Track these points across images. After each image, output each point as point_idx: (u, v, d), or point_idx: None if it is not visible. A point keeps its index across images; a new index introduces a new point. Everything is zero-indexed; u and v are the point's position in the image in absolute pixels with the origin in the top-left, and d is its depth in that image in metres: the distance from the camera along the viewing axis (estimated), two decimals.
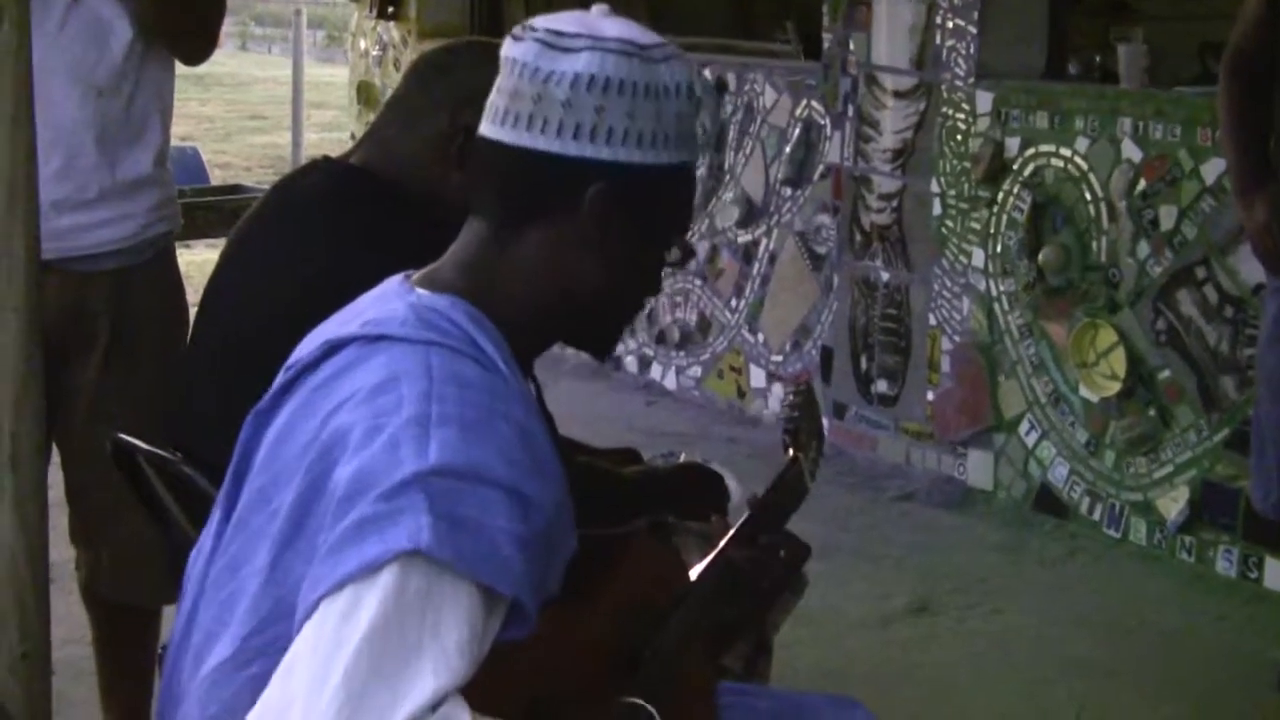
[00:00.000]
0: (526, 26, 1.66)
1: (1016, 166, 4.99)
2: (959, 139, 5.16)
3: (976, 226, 5.12)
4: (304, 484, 1.55)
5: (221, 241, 2.69)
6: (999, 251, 5.05)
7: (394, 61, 8.37)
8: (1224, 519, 4.46)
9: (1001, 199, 5.04)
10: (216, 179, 10.07)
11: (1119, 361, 4.69)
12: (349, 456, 1.51)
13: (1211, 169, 4.42)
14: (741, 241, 6.08)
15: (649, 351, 6.52)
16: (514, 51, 1.65)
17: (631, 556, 1.94)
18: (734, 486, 2.62)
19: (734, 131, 6.08)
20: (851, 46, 5.54)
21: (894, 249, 5.42)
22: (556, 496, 1.55)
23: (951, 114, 5.18)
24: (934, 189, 5.25)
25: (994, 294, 5.08)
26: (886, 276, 5.46)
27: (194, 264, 6.41)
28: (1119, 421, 4.70)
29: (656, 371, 6.50)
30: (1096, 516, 4.80)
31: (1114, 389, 4.71)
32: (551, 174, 1.63)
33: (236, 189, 9.18)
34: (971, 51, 5.11)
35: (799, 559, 2.05)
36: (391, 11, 8.36)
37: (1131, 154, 4.65)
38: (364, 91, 8.75)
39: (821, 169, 5.72)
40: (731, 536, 2.02)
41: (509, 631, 1.52)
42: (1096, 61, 5.10)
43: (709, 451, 3.26)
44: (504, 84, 1.66)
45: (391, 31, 8.47)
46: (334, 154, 2.63)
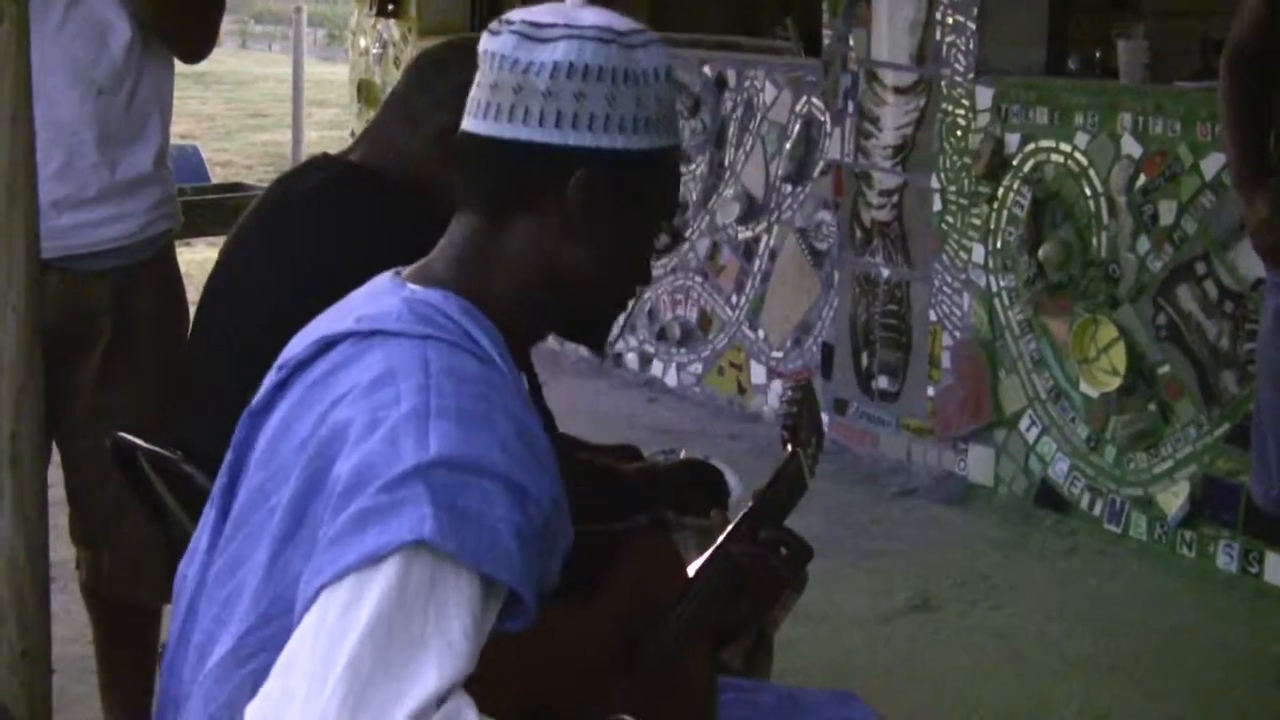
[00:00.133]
0: (503, 20, 1.68)
1: (1017, 162, 4.99)
2: (959, 135, 5.16)
3: (977, 222, 5.12)
4: (302, 479, 1.56)
5: (222, 240, 2.69)
6: (999, 247, 5.05)
7: (394, 59, 8.38)
8: (1224, 514, 4.46)
9: (1002, 195, 5.04)
10: (217, 177, 10.08)
11: (1119, 357, 4.69)
12: (348, 450, 1.52)
13: (1211, 164, 4.42)
14: (742, 238, 6.08)
15: (650, 348, 6.53)
16: (492, 45, 1.66)
17: (632, 553, 1.94)
18: (734, 483, 2.63)
19: (734, 128, 6.09)
20: (851, 43, 5.54)
21: (894, 245, 5.42)
22: (553, 490, 1.56)
23: (952, 110, 5.18)
24: (934, 185, 5.25)
25: (994, 290, 5.08)
26: (887, 273, 5.46)
27: (194, 262, 6.42)
28: (1119, 417, 4.70)
29: (657, 368, 6.50)
30: (1097, 512, 4.80)
31: (1114, 384, 4.71)
32: (536, 163, 1.64)
33: (237, 187, 9.19)
34: (971, 47, 5.11)
35: (801, 558, 2.05)
36: (392, 9, 8.38)
37: (1131, 149, 4.65)
38: (364, 89, 8.76)
39: (822, 165, 5.72)
40: (730, 532, 2.02)
41: (508, 623, 1.52)
42: (1097, 57, 5.09)
43: (710, 448, 3.27)
44: (484, 78, 1.67)
45: (392, 29, 8.48)
46: (334, 152, 2.64)
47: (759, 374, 6.03)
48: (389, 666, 1.42)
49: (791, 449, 2.19)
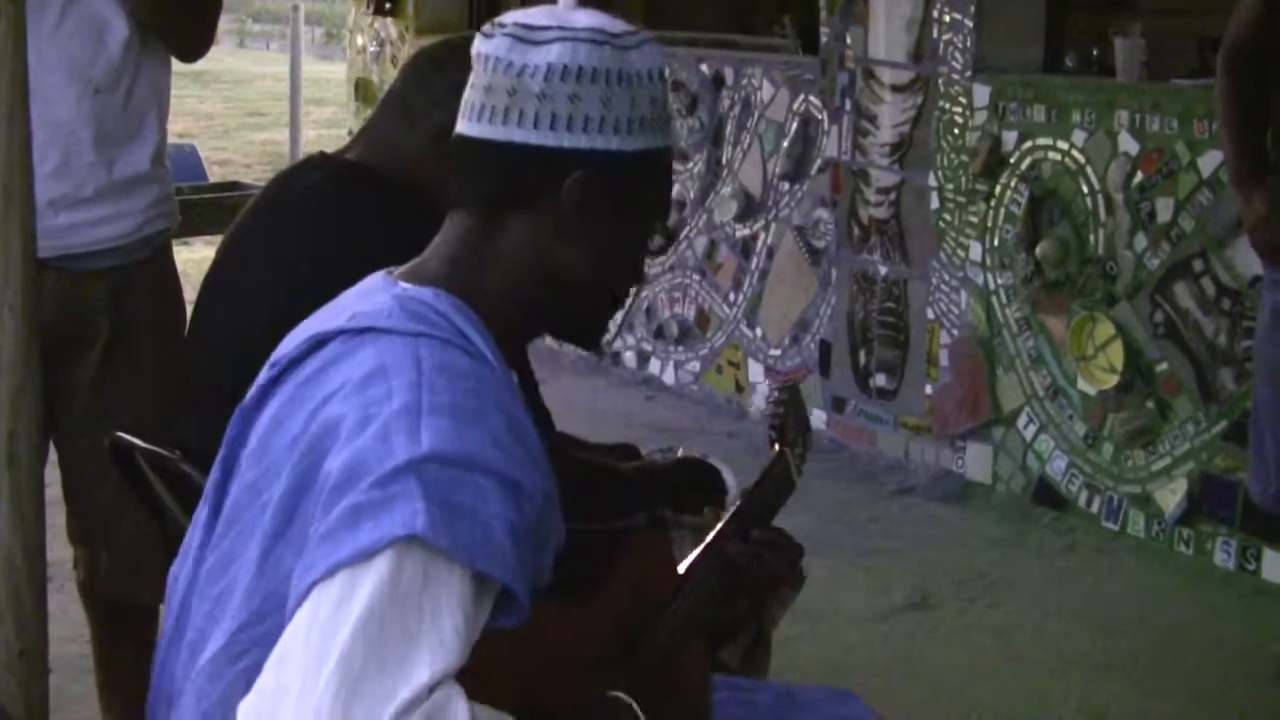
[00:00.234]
0: (496, 23, 1.68)
1: (1014, 160, 4.99)
2: (956, 133, 5.16)
3: (974, 220, 5.12)
4: (294, 476, 1.56)
5: (219, 239, 2.69)
6: (997, 245, 5.05)
7: (391, 58, 8.38)
8: (1222, 511, 4.47)
9: (999, 192, 5.04)
10: (215, 176, 10.07)
11: (1117, 354, 4.69)
12: (340, 446, 1.52)
13: (1209, 161, 4.42)
14: (739, 236, 6.08)
15: (648, 346, 6.53)
16: (485, 48, 1.66)
17: (630, 551, 1.95)
18: (731, 481, 2.63)
19: (732, 126, 6.09)
20: (849, 41, 5.54)
21: (892, 243, 5.42)
22: (545, 485, 1.56)
23: (949, 108, 5.18)
24: (932, 183, 5.25)
25: (992, 288, 5.08)
26: (884, 270, 5.46)
27: (192, 261, 6.41)
28: (1117, 414, 4.71)
29: (655, 366, 6.50)
30: (1095, 509, 4.80)
31: (1112, 382, 4.71)
32: (530, 165, 1.64)
33: (235, 186, 9.18)
34: (969, 45, 5.11)
35: (792, 557, 2.06)
36: (389, 7, 8.38)
37: (1129, 147, 4.65)
38: (362, 88, 8.76)
39: (819, 163, 5.72)
40: (719, 530, 2.03)
41: (502, 620, 1.52)
42: (1094, 55, 5.10)
43: (707, 446, 3.27)
44: (478, 81, 1.67)
45: (389, 28, 8.48)
46: (331, 150, 2.63)
47: (757, 372, 6.03)
48: (381, 661, 1.42)
49: (779, 448, 2.20)
